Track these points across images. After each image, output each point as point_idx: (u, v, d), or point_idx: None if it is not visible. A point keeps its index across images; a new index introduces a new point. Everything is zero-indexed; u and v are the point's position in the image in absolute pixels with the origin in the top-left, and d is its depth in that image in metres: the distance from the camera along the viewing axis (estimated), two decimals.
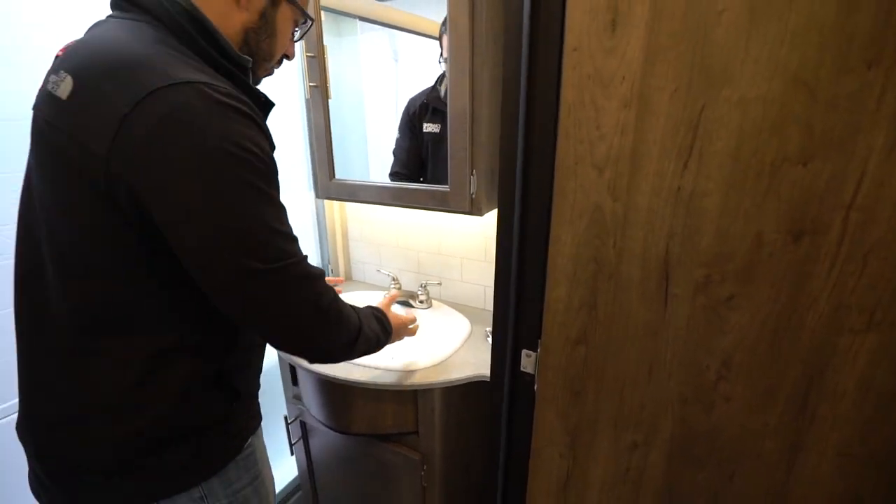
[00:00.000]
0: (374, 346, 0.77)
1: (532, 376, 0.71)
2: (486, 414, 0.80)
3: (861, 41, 0.44)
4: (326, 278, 0.67)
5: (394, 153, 1.30)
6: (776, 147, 0.49)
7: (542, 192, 0.59)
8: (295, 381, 1.23)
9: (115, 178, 0.46)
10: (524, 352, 0.70)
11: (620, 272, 0.59)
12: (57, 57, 0.56)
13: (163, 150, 0.45)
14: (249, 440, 0.68)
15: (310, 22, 0.68)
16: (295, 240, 0.56)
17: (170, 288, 0.54)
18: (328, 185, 1.28)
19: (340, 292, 0.87)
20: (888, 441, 0.55)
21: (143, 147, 0.45)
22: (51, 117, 0.50)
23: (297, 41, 0.69)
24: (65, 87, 0.49)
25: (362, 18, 1.34)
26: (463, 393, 1.05)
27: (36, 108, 0.54)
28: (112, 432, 0.54)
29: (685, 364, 0.60)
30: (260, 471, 0.70)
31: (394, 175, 1.30)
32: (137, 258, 0.52)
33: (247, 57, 0.59)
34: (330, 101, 1.23)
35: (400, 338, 0.90)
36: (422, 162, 1.27)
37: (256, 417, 0.71)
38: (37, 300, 0.56)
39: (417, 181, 1.28)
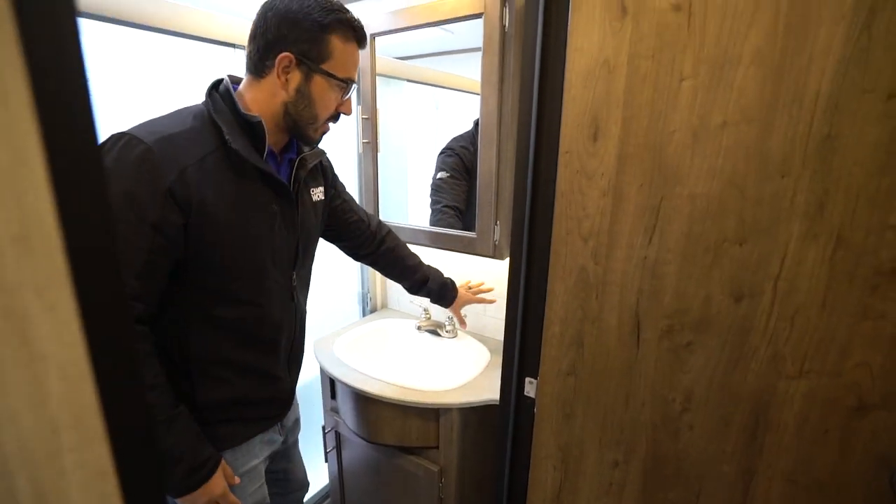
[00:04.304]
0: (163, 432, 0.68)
1: (533, 400, 0.86)
2: (497, 430, 0.95)
3: (776, 157, 0.60)
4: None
5: (440, 189, 1.40)
6: (718, 230, 0.65)
7: (542, 254, 0.77)
8: (333, 395, 1.41)
9: None
10: (527, 379, 0.86)
11: (602, 319, 0.74)
12: None
13: None
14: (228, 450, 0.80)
15: (349, 85, 0.78)
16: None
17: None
18: None
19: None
20: (827, 470, 0.67)
21: None
22: None
23: (345, 99, 0.80)
24: None
25: (409, 80, 1.58)
26: (479, 414, 1.20)
27: None
28: None
29: (655, 396, 0.74)
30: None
31: (448, 208, 1.39)
32: None
33: (254, 114, 0.72)
34: (378, 154, 1.45)
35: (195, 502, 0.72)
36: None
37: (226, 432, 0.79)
38: None
39: (464, 218, 1.40)
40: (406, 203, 1.60)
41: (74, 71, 0.20)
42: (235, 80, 0.77)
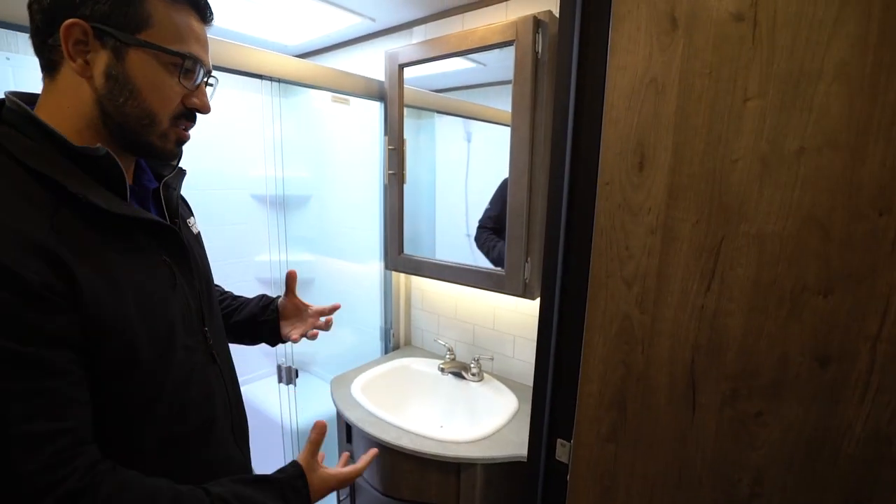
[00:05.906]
0: None
1: (566, 465, 0.74)
2: (524, 497, 0.82)
3: (870, 191, 0.49)
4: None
5: (489, 215, 1.34)
6: (795, 277, 0.54)
7: (578, 298, 0.67)
8: (349, 438, 1.32)
9: None
10: (559, 441, 0.74)
11: (649, 376, 0.63)
12: None
13: None
14: None
15: (192, 61, 0.53)
16: (51, 438, 0.42)
17: None
18: (396, 258, 1.43)
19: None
20: None
21: None
22: None
23: (197, 85, 0.56)
24: None
25: (440, 112, 1.55)
26: (504, 471, 1.08)
27: None
28: None
29: (715, 473, 0.61)
30: None
31: (482, 228, 1.34)
32: None
33: (94, 146, 0.50)
34: (405, 185, 1.41)
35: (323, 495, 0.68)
36: None
37: None
38: None
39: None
40: (434, 237, 1.54)
41: None
42: (28, 99, 0.52)
